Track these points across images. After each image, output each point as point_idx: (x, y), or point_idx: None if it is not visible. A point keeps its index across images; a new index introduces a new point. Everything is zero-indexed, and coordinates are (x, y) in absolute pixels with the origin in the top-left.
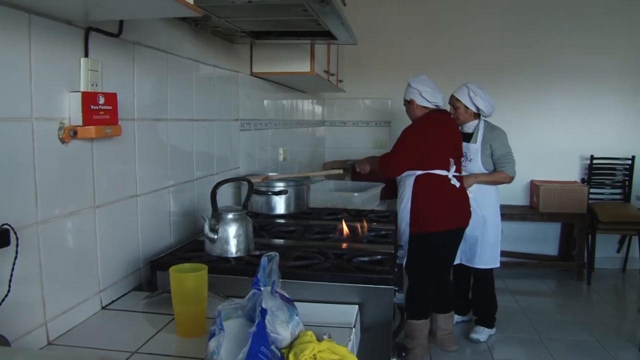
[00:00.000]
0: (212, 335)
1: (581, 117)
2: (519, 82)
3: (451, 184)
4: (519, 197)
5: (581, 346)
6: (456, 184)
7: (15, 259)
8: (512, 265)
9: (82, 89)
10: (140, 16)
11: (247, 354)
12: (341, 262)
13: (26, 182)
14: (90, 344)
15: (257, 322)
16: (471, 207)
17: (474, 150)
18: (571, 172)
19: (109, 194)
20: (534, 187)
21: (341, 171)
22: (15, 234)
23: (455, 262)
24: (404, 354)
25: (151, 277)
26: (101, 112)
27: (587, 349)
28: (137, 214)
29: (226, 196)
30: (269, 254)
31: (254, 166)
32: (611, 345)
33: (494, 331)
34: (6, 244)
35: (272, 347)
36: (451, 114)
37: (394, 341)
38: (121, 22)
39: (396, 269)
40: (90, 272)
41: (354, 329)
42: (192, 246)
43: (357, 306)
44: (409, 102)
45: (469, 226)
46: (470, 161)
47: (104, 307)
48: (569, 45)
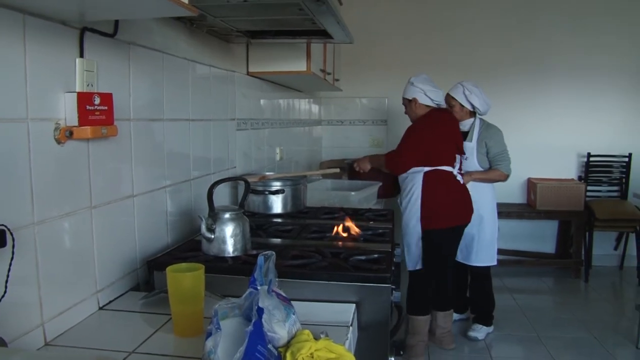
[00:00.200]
0: (209, 334)
1: (578, 114)
2: (516, 81)
3: (457, 180)
4: (516, 195)
5: (579, 343)
6: (461, 180)
7: (11, 259)
8: (510, 263)
9: (78, 90)
10: (135, 16)
11: (244, 353)
12: (338, 261)
13: (22, 183)
14: (87, 345)
15: (254, 321)
16: None
17: (470, 148)
18: (568, 169)
19: (106, 195)
20: (531, 184)
21: (338, 170)
22: (11, 234)
23: None
24: (401, 352)
25: (148, 277)
26: (97, 113)
27: (585, 347)
28: (134, 214)
29: (223, 196)
30: (266, 253)
31: (250, 166)
32: (609, 342)
33: (491, 329)
34: (2, 244)
35: (269, 346)
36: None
37: (391, 339)
38: (116, 22)
39: (393, 268)
40: (87, 273)
41: (351, 328)
42: (189, 246)
43: (354, 305)
44: (410, 101)
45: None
46: (465, 159)
47: (101, 308)
48: (566, 43)
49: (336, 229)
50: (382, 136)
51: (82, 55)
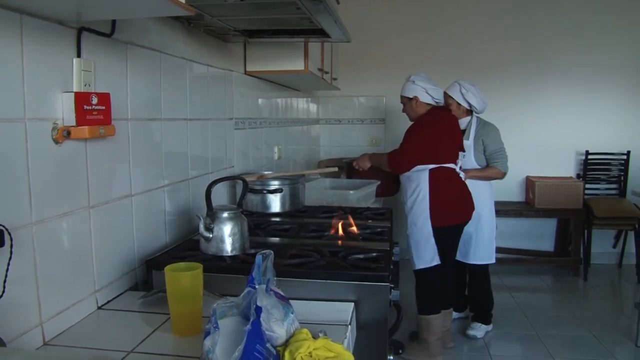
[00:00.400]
0: (208, 333)
1: (576, 112)
2: (514, 79)
3: (459, 177)
4: (515, 193)
5: (578, 342)
6: (463, 176)
7: (9, 259)
8: (509, 261)
9: (75, 89)
10: (132, 16)
11: (242, 352)
12: (336, 259)
13: (20, 183)
14: (86, 344)
15: (252, 320)
16: None
17: (467, 146)
18: (567, 167)
19: (104, 194)
20: (530, 183)
21: (336, 169)
22: (9, 234)
23: None
24: (400, 351)
25: (147, 277)
26: (94, 112)
27: (583, 345)
28: (132, 214)
29: (221, 195)
30: (264, 252)
31: (248, 165)
32: (608, 340)
33: (490, 327)
34: (1, 244)
35: (268, 345)
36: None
37: (390, 338)
38: (114, 21)
39: (392, 266)
40: (85, 272)
41: (349, 327)
42: (188, 245)
43: (352, 304)
44: (410, 99)
45: None
46: (463, 157)
47: (99, 307)
48: (564, 41)
49: (337, 223)
50: (380, 135)
51: (79, 55)
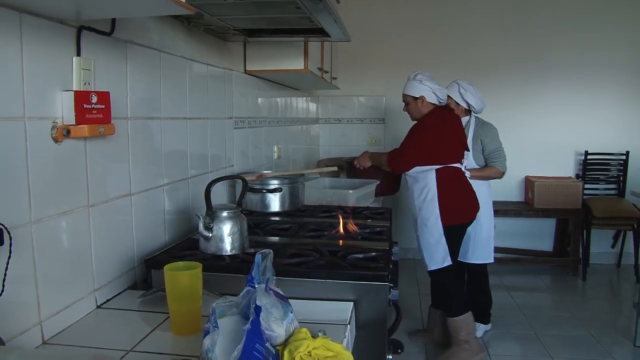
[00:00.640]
0: (207, 332)
1: (575, 112)
2: (514, 79)
3: (465, 176)
4: (514, 193)
5: (577, 341)
6: (468, 175)
7: (9, 258)
8: (507, 261)
9: (75, 88)
10: (132, 14)
11: (241, 351)
12: (336, 259)
13: (19, 182)
14: (85, 343)
15: (251, 319)
16: None
17: None
18: (566, 167)
19: (103, 193)
20: (529, 182)
21: (336, 168)
22: (8, 233)
23: None
24: (399, 351)
25: (146, 276)
26: (94, 111)
27: (582, 344)
28: (132, 213)
29: (220, 194)
30: (263, 251)
31: (248, 164)
32: (606, 340)
33: (489, 327)
34: (0, 243)
35: (267, 344)
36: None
37: (389, 338)
38: (113, 20)
39: (391, 266)
40: (84, 271)
41: (349, 326)
42: (187, 244)
43: (352, 303)
44: (416, 99)
45: None
46: (467, 157)
47: (98, 306)
48: (563, 41)
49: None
50: (379, 135)
51: (79, 53)
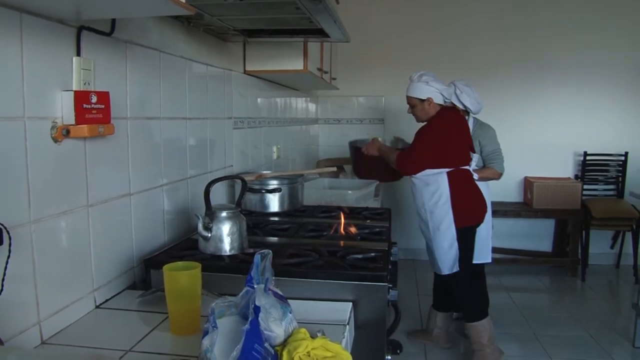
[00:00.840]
0: (206, 333)
1: (575, 113)
2: (513, 79)
3: (473, 178)
4: (513, 193)
5: (575, 342)
6: (476, 177)
7: (8, 258)
8: (506, 261)
9: (75, 88)
10: (132, 15)
11: (240, 351)
12: (335, 259)
13: (19, 182)
14: (84, 343)
15: (250, 319)
16: None
17: None
18: (565, 168)
19: (102, 193)
20: (528, 183)
21: (335, 169)
22: (8, 233)
23: None
24: (398, 351)
25: (145, 276)
26: (94, 111)
27: (581, 345)
28: (131, 213)
29: (220, 194)
30: (263, 251)
31: (247, 164)
32: (605, 340)
33: None
34: None
35: (266, 344)
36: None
37: (388, 338)
38: (113, 20)
39: (390, 266)
40: (83, 271)
41: (347, 326)
42: (186, 244)
43: (350, 303)
44: (423, 101)
45: None
46: (475, 158)
47: (97, 306)
48: (563, 41)
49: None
50: (379, 135)
51: (79, 53)
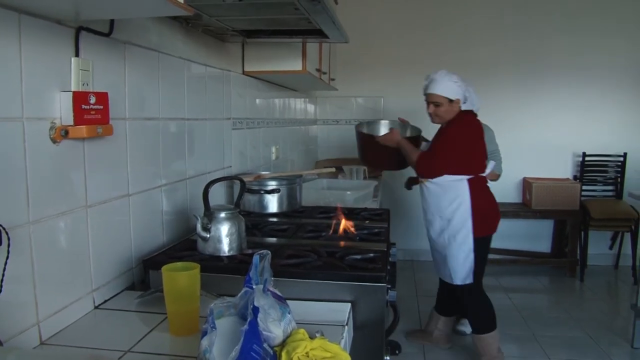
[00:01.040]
0: (205, 333)
1: (574, 114)
2: (512, 80)
3: (488, 185)
4: (512, 194)
5: (574, 342)
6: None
7: (7, 258)
8: (505, 262)
9: (73, 89)
10: (131, 15)
11: (239, 352)
12: (334, 260)
13: (17, 182)
14: (83, 344)
15: (249, 320)
16: None
17: None
18: (563, 169)
19: (101, 194)
20: (527, 184)
21: (334, 169)
22: (7, 234)
23: None
24: (397, 352)
25: (144, 277)
26: (92, 112)
27: (580, 345)
28: (130, 214)
29: (218, 195)
30: (261, 252)
31: (246, 165)
32: (604, 341)
33: None
34: None
35: (265, 345)
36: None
37: (387, 339)
38: (112, 21)
39: (389, 267)
40: (82, 272)
41: (346, 327)
42: (185, 245)
43: (349, 304)
44: (451, 101)
45: None
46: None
47: (96, 307)
48: (562, 42)
49: (337, 220)
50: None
51: (77, 54)
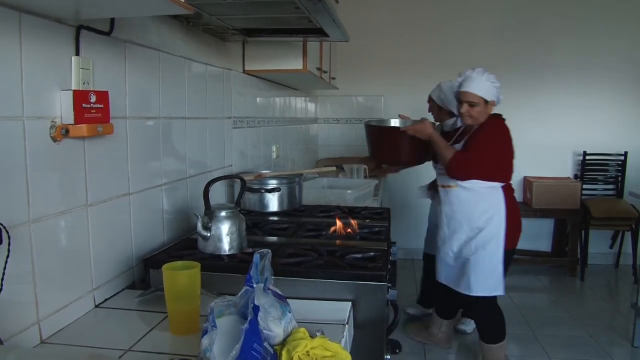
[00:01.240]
0: (205, 332)
1: (574, 113)
2: (513, 79)
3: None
4: None
5: (575, 342)
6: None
7: (7, 257)
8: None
9: (74, 88)
10: (131, 14)
11: (240, 351)
12: (334, 259)
13: (18, 181)
14: (83, 343)
15: (250, 319)
16: None
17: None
18: (564, 168)
19: (102, 193)
20: (528, 183)
21: (334, 168)
22: (7, 233)
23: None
24: (397, 351)
25: (144, 276)
26: (93, 111)
27: (580, 345)
28: (130, 213)
29: (219, 194)
30: (262, 251)
31: (247, 164)
32: (605, 340)
33: None
34: None
35: (265, 344)
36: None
37: (387, 338)
38: (112, 20)
39: (389, 266)
40: (83, 271)
41: (347, 326)
42: (185, 244)
43: (350, 303)
44: (487, 103)
45: None
46: None
47: (97, 306)
48: (563, 41)
49: (338, 219)
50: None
51: (78, 53)
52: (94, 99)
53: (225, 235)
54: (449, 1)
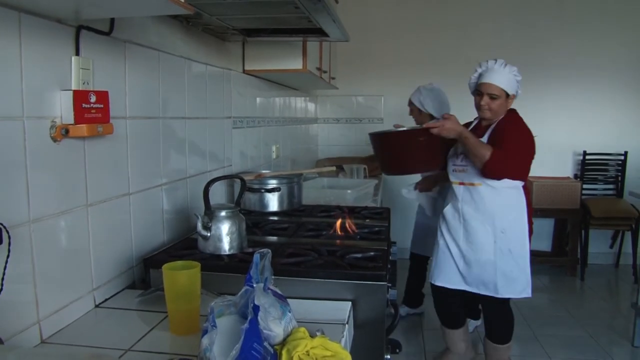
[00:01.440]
0: (205, 332)
1: (574, 113)
2: None
3: None
4: None
5: (574, 341)
6: None
7: (7, 257)
8: None
9: (74, 88)
10: (131, 14)
11: (239, 350)
12: (334, 258)
13: (18, 181)
14: (83, 342)
15: (249, 318)
16: None
17: None
18: (564, 168)
19: (102, 193)
20: (527, 183)
21: (334, 168)
22: (7, 232)
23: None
24: (397, 351)
25: (144, 275)
26: (93, 111)
27: (580, 344)
28: (130, 212)
29: (219, 194)
30: (262, 250)
31: (246, 164)
32: (604, 340)
33: (480, 322)
34: None
35: (265, 343)
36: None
37: (387, 337)
38: (112, 20)
39: (389, 266)
40: (83, 271)
41: (347, 325)
42: (185, 244)
43: (350, 302)
44: (508, 96)
45: None
46: None
47: (97, 305)
48: (563, 41)
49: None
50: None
51: (78, 53)
52: (93, 99)
53: (225, 234)
54: (449, 1)
